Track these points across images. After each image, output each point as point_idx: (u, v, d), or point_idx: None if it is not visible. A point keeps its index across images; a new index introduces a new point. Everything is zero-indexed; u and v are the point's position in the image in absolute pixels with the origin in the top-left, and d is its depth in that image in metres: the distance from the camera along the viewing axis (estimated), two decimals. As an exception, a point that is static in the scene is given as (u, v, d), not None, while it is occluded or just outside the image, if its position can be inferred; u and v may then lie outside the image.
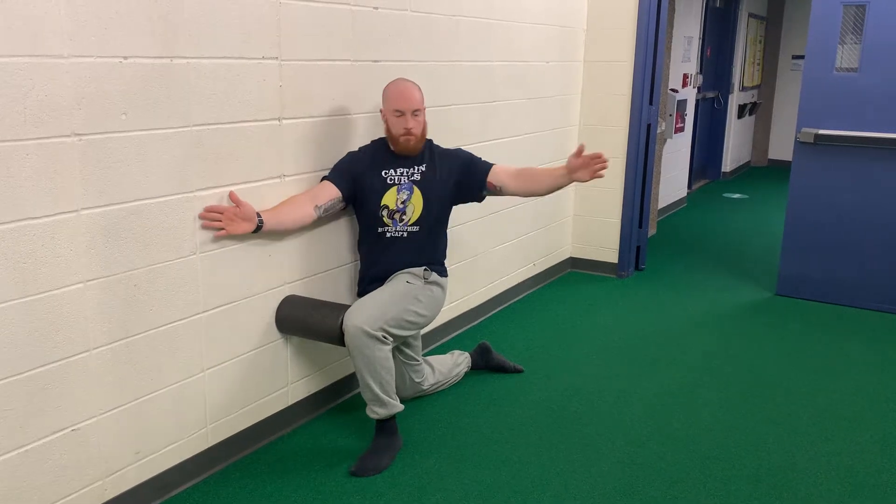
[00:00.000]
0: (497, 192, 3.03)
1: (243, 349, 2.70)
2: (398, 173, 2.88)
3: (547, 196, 4.68)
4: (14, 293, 1.99)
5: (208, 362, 2.58)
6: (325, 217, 2.88)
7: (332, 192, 2.81)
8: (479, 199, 3.09)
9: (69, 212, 2.08)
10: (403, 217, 2.88)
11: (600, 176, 2.91)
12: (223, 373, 2.64)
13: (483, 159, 3.06)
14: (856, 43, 4.36)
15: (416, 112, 2.82)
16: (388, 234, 2.90)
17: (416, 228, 2.90)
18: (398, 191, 2.86)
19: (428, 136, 2.97)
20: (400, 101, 2.80)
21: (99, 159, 2.13)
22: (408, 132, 2.82)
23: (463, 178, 3.00)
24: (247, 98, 2.54)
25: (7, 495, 2.06)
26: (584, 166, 2.89)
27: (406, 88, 2.82)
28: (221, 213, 2.50)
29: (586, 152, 2.86)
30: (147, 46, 2.21)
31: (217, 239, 2.52)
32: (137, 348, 2.33)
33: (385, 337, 2.64)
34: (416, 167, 2.90)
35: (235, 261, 2.61)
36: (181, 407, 2.52)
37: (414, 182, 2.88)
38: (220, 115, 2.46)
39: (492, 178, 3.01)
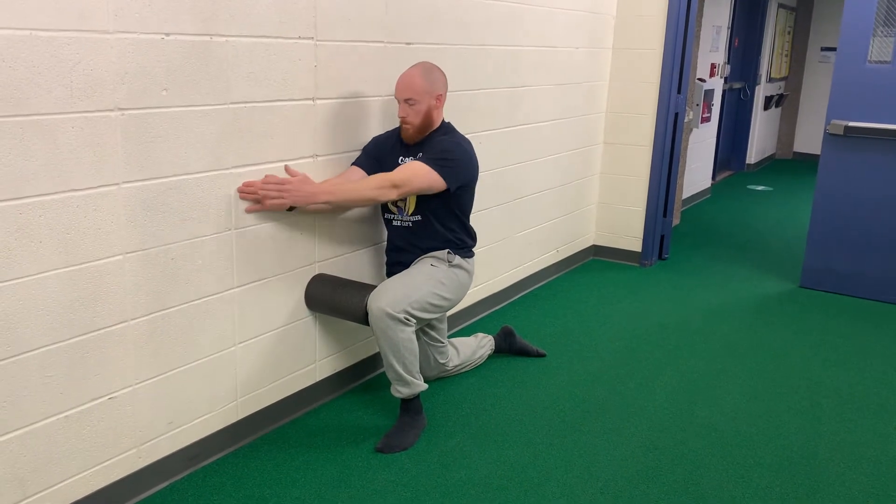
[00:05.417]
0: None
1: (274, 325, 2.75)
2: (403, 162, 2.84)
3: (571, 183, 4.73)
4: (57, 263, 2.04)
5: (240, 336, 2.63)
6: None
7: (362, 176, 2.83)
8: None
9: (111, 185, 2.12)
10: (403, 207, 2.87)
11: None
12: (254, 347, 2.69)
13: (431, 163, 2.75)
14: (889, 35, 4.31)
15: (409, 101, 2.76)
16: (395, 223, 2.92)
17: (417, 218, 2.86)
18: None
19: (448, 120, 2.94)
20: (396, 89, 2.80)
21: (140, 134, 2.17)
22: (402, 120, 2.81)
23: None
24: (283, 77, 2.57)
25: (46, 460, 2.12)
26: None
27: (405, 76, 2.78)
28: (282, 185, 2.54)
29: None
30: (188, 24, 2.24)
31: (252, 216, 2.55)
32: (173, 320, 2.38)
33: (408, 319, 2.66)
34: (415, 157, 2.83)
35: (269, 238, 2.65)
36: (213, 379, 2.57)
37: None
38: (257, 94, 2.49)
39: None
